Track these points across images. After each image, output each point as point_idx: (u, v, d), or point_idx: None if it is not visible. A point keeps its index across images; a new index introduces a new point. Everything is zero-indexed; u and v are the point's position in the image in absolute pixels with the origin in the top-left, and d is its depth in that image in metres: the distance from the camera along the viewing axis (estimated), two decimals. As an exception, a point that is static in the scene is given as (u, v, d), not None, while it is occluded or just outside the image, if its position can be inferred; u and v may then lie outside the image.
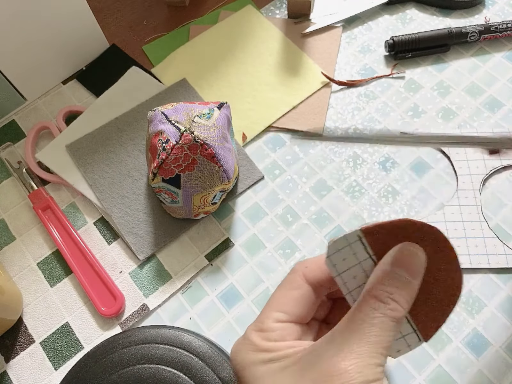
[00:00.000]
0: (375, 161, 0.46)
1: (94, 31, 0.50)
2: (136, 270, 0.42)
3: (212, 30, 0.54)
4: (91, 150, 0.47)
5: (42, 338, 0.40)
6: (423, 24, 0.53)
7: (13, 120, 0.50)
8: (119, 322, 0.40)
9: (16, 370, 0.39)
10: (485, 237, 0.41)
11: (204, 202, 0.40)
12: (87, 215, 0.45)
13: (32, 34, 0.45)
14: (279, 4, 0.56)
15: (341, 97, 0.50)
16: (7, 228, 0.45)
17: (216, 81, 0.51)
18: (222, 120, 0.39)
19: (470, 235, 0.41)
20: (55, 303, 0.41)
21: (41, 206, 0.44)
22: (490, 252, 0.40)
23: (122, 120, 0.48)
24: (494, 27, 0.50)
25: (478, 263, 0.40)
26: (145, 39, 0.54)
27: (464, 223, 0.41)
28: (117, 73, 0.51)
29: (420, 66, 0.51)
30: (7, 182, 0.47)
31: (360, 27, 0.54)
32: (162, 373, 0.36)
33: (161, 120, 0.38)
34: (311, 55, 0.52)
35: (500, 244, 0.40)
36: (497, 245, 0.40)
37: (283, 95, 0.49)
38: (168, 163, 0.37)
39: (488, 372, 0.37)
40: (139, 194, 0.45)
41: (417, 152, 0.46)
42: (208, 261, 0.42)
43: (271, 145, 0.47)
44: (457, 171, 0.44)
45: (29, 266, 0.43)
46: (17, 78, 0.47)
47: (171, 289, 0.41)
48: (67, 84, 0.52)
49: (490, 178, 0.44)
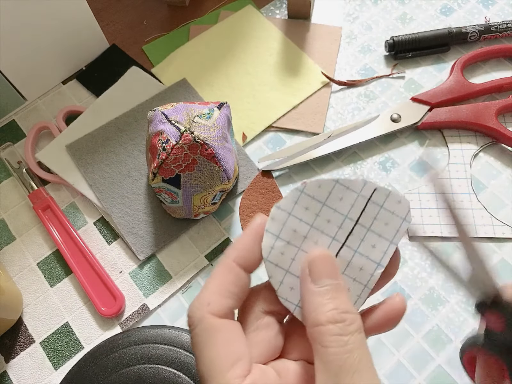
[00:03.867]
0: (375, 161, 0.46)
1: (94, 31, 0.50)
2: (136, 270, 0.42)
3: (212, 30, 0.54)
4: (91, 150, 0.47)
5: (42, 338, 0.40)
6: (423, 24, 0.53)
7: (13, 120, 0.50)
8: (119, 322, 0.40)
9: (16, 370, 0.39)
10: (474, 208, 0.43)
11: (204, 202, 0.40)
12: (87, 215, 0.45)
13: (32, 34, 0.45)
14: (279, 4, 0.56)
15: (341, 97, 0.50)
16: (7, 228, 0.45)
17: (216, 81, 0.51)
18: (222, 120, 0.39)
19: (459, 206, 0.43)
20: (55, 303, 0.41)
21: (41, 206, 0.44)
22: (478, 223, 0.42)
23: (122, 120, 0.48)
24: (494, 27, 0.50)
25: None
26: (145, 39, 0.54)
27: (454, 195, 0.43)
28: (117, 73, 0.51)
29: (420, 66, 0.51)
30: (7, 182, 0.47)
31: (360, 27, 0.54)
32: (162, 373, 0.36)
33: (161, 120, 0.38)
34: (311, 55, 0.52)
35: (488, 215, 0.42)
36: (484, 216, 0.42)
37: (283, 95, 0.49)
38: (168, 163, 0.37)
39: (488, 372, 0.37)
40: (139, 194, 0.45)
41: (417, 152, 0.46)
42: (208, 261, 0.42)
43: (271, 145, 0.47)
44: (449, 146, 0.46)
45: (29, 266, 0.43)
46: (17, 78, 0.47)
47: (171, 289, 0.41)
48: (67, 84, 0.52)
49: (481, 153, 0.46)
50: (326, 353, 0.19)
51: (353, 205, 0.22)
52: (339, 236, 0.22)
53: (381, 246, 0.23)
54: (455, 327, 0.38)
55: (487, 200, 0.43)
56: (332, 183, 0.23)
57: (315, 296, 0.21)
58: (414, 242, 0.42)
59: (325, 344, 0.19)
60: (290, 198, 0.22)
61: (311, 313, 0.20)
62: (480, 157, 0.46)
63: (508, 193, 0.44)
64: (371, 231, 0.23)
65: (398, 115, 0.47)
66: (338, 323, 0.20)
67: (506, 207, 0.43)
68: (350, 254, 0.22)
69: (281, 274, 0.22)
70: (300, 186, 0.22)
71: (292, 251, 0.22)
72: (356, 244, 0.22)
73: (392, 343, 0.38)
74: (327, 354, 0.19)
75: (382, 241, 0.23)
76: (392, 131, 0.46)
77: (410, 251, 0.42)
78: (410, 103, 0.47)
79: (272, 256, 0.22)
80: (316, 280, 0.21)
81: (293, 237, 0.22)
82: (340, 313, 0.20)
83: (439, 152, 0.46)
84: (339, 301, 0.20)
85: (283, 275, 0.22)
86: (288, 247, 0.22)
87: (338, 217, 0.22)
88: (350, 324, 0.20)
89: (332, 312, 0.20)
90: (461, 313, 0.39)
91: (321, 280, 0.21)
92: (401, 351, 0.38)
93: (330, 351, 0.19)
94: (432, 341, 0.38)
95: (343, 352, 0.19)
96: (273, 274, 0.22)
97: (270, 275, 0.22)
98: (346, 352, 0.19)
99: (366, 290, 0.23)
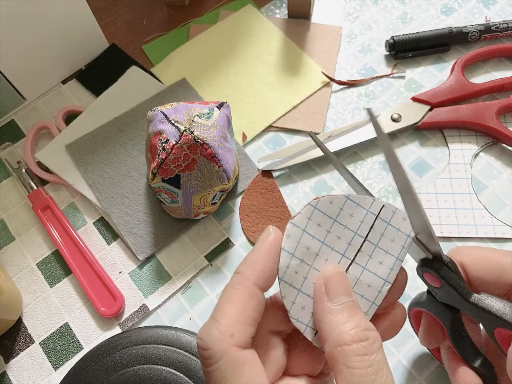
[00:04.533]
0: (375, 161, 0.46)
1: (93, 30, 0.50)
2: (136, 270, 0.42)
3: (212, 29, 0.54)
4: (91, 150, 0.46)
5: (41, 338, 0.40)
6: (423, 23, 0.53)
7: (13, 120, 0.50)
8: (119, 323, 0.40)
9: (16, 371, 0.39)
10: (474, 208, 0.42)
11: (204, 202, 0.40)
12: (87, 215, 0.45)
13: (32, 34, 0.45)
14: (279, 4, 0.56)
15: (342, 96, 0.49)
16: (7, 228, 0.44)
17: (216, 81, 0.50)
18: (222, 120, 0.39)
19: (459, 206, 0.43)
20: (54, 303, 0.41)
21: (40, 206, 0.44)
22: (478, 223, 0.42)
23: (122, 120, 0.48)
24: (494, 27, 0.50)
25: (467, 233, 0.41)
26: (144, 38, 0.54)
27: (454, 195, 0.43)
28: (116, 73, 0.51)
29: (421, 66, 0.51)
30: (7, 182, 0.47)
31: (361, 27, 0.54)
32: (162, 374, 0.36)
33: (160, 120, 0.38)
34: (311, 55, 0.52)
35: (488, 215, 0.42)
36: (485, 216, 0.42)
37: (283, 94, 0.49)
38: (168, 163, 0.37)
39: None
40: (139, 194, 0.44)
41: (417, 152, 0.46)
42: (208, 261, 0.42)
43: (271, 145, 0.47)
44: (449, 145, 0.46)
45: (28, 266, 0.43)
46: (17, 77, 0.47)
47: (171, 290, 0.41)
48: (67, 84, 0.52)
49: (481, 152, 0.45)
50: (351, 374, 0.19)
51: (363, 221, 0.23)
52: (349, 252, 0.22)
53: (388, 263, 0.23)
54: (456, 328, 0.38)
55: (487, 200, 0.43)
56: (343, 199, 0.23)
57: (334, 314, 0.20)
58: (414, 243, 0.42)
59: (350, 365, 0.19)
60: (304, 214, 0.22)
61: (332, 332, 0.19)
62: (480, 157, 0.45)
63: (508, 193, 0.43)
64: (378, 247, 0.23)
65: (398, 115, 0.46)
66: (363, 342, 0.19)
67: (506, 207, 0.43)
68: (359, 270, 0.22)
69: (294, 294, 0.22)
70: (313, 202, 0.22)
71: (305, 270, 0.22)
72: (364, 260, 0.22)
73: (392, 343, 0.38)
74: (353, 375, 0.19)
75: (389, 257, 0.23)
76: (392, 131, 0.46)
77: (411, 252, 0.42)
78: (410, 103, 0.47)
79: (287, 275, 0.22)
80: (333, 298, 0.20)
81: (306, 255, 0.22)
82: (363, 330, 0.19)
83: (439, 152, 0.46)
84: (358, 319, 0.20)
85: (295, 295, 0.22)
86: (302, 265, 0.22)
87: (348, 233, 0.22)
88: (374, 342, 0.19)
89: (356, 330, 0.19)
90: (462, 314, 0.39)
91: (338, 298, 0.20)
92: (401, 351, 0.38)
93: (356, 372, 0.19)
94: (432, 341, 0.38)
95: (370, 373, 0.18)
96: (287, 295, 0.22)
97: (284, 296, 0.22)
98: (373, 373, 0.18)
99: (374, 307, 0.23)
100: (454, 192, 0.43)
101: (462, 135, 0.46)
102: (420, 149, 0.46)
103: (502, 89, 0.47)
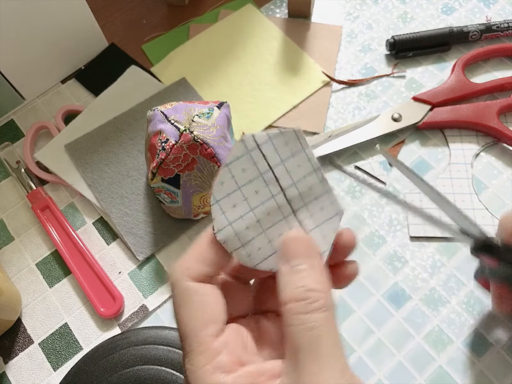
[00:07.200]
0: (376, 160, 0.46)
1: (93, 30, 0.50)
2: (135, 271, 0.42)
3: (212, 29, 0.54)
4: (90, 149, 0.46)
5: (41, 339, 0.40)
6: (424, 23, 0.53)
7: (12, 119, 0.50)
8: (118, 323, 0.40)
9: (15, 371, 0.39)
10: (475, 208, 0.42)
11: (204, 202, 0.40)
12: (86, 215, 0.45)
13: (31, 33, 0.45)
14: (279, 3, 0.55)
15: (342, 96, 0.49)
16: (6, 228, 0.44)
17: (216, 81, 0.50)
18: (222, 119, 0.39)
19: (460, 206, 0.43)
20: (54, 303, 0.41)
21: (39, 206, 0.44)
22: (479, 223, 0.42)
23: (121, 119, 0.48)
24: (495, 26, 0.50)
25: None
26: (144, 38, 0.54)
27: (455, 195, 0.43)
28: (116, 73, 0.51)
29: (421, 66, 0.51)
30: (6, 182, 0.47)
31: (361, 26, 0.53)
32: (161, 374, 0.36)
33: (160, 119, 0.38)
34: (311, 54, 0.51)
35: (489, 215, 0.42)
36: (485, 217, 0.42)
37: (283, 94, 0.49)
38: (168, 163, 0.36)
39: (489, 373, 0.37)
40: (139, 194, 0.44)
41: (418, 152, 0.46)
42: (208, 262, 0.42)
43: (271, 145, 0.47)
44: (450, 145, 0.46)
45: (28, 266, 0.43)
46: (16, 77, 0.47)
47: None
48: (66, 84, 0.51)
49: (482, 152, 0.45)
50: (288, 330, 0.19)
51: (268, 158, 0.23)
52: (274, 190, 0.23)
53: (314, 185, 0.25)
54: (456, 328, 0.38)
55: (488, 200, 0.43)
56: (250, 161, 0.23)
57: (286, 275, 0.21)
58: (415, 243, 0.42)
59: (287, 323, 0.19)
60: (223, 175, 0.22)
61: (282, 291, 0.21)
62: (481, 157, 0.45)
63: (509, 193, 0.43)
64: (296, 183, 0.24)
65: (399, 114, 0.46)
66: (301, 301, 0.20)
67: (507, 207, 0.43)
68: None
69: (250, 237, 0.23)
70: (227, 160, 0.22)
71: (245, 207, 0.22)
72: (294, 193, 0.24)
73: (392, 343, 0.38)
74: (288, 331, 0.19)
75: (311, 176, 0.25)
76: (393, 130, 0.46)
77: (411, 252, 0.41)
78: (411, 102, 0.47)
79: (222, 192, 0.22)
80: (288, 260, 0.21)
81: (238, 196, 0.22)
82: (305, 291, 0.20)
83: (440, 152, 0.46)
84: (309, 280, 0.20)
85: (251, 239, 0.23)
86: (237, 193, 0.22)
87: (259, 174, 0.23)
88: (313, 302, 0.20)
89: (298, 290, 0.20)
90: (462, 314, 0.39)
91: (293, 260, 0.21)
92: (402, 351, 0.38)
93: (290, 329, 0.19)
94: (433, 341, 0.38)
95: (302, 331, 0.19)
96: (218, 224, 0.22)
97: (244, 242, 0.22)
98: (305, 330, 0.19)
99: None
100: (454, 192, 0.43)
101: (463, 135, 0.46)
102: (420, 149, 0.46)
103: (503, 88, 0.47)
